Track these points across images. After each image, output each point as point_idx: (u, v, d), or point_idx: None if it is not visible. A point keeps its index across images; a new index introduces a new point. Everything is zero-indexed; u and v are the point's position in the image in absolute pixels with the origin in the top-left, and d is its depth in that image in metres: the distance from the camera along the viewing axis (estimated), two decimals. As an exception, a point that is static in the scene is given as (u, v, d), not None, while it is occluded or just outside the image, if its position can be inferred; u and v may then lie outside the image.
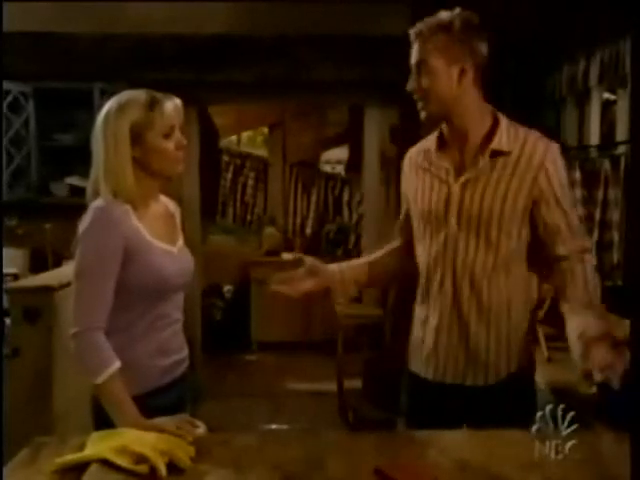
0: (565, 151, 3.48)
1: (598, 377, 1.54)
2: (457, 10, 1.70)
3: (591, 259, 1.73)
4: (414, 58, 1.72)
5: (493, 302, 1.73)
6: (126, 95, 1.60)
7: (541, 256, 1.75)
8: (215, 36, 4.21)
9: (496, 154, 1.70)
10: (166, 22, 4.14)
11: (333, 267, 1.92)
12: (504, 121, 1.74)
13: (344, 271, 1.93)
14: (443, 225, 1.74)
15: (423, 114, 1.74)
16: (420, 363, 1.82)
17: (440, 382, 1.77)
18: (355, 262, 2.02)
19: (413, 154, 1.89)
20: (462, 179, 1.72)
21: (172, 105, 1.60)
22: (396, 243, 1.99)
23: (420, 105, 1.74)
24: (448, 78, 1.68)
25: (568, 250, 1.70)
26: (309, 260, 1.88)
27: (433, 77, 1.69)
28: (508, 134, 1.72)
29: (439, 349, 1.77)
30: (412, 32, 1.73)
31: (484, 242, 1.70)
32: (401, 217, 1.97)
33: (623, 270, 2.81)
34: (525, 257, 1.76)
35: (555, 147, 1.72)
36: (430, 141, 1.84)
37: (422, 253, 1.81)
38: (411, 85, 1.74)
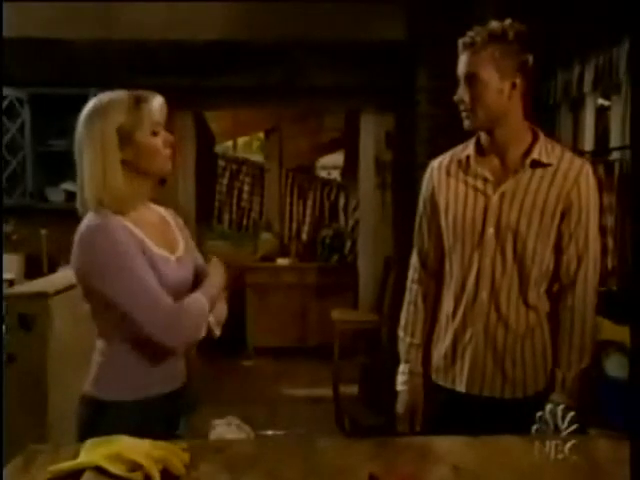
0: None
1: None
2: (508, 20, 1.65)
3: (580, 295, 1.71)
4: (464, 69, 1.67)
5: (522, 314, 1.73)
6: (106, 97, 1.55)
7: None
8: (212, 42, 4.21)
9: (536, 165, 1.69)
10: (163, 28, 4.14)
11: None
12: (542, 136, 1.74)
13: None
14: (478, 236, 1.72)
15: (467, 124, 1.71)
16: (451, 375, 1.81)
17: (475, 395, 1.76)
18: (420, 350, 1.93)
19: (444, 163, 1.82)
20: (501, 189, 1.71)
21: (158, 101, 1.56)
22: (428, 289, 1.89)
23: (465, 115, 1.71)
24: (499, 92, 1.65)
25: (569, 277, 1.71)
26: None
27: (484, 90, 1.65)
28: (547, 148, 1.72)
29: (473, 361, 1.76)
30: (462, 41, 1.68)
31: (521, 253, 1.69)
32: (425, 238, 1.87)
33: (617, 276, 2.81)
34: (548, 279, 1.75)
35: (589, 167, 1.72)
36: (461, 151, 1.80)
37: (454, 265, 1.78)
38: (459, 96, 1.70)
